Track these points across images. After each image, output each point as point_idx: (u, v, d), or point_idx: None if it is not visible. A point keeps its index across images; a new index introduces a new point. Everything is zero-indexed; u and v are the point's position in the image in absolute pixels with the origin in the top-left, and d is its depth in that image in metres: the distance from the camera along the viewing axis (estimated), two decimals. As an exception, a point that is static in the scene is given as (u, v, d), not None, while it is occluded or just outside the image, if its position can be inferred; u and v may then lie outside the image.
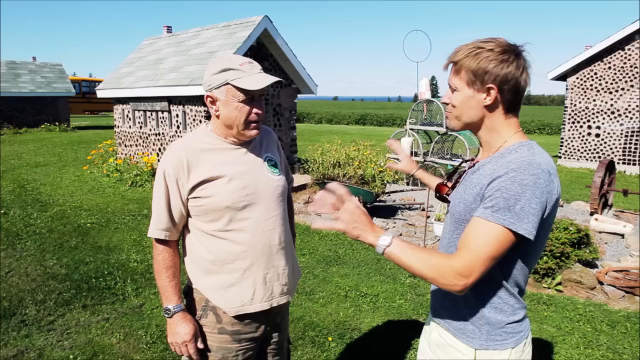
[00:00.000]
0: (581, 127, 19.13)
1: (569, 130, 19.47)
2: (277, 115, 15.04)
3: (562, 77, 19.59)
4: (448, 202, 2.32)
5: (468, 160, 2.42)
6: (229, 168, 2.65)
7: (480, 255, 1.94)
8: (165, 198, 2.65)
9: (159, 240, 2.71)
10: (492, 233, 1.94)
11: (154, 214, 2.71)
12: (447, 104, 2.24)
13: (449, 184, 2.47)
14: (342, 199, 2.06)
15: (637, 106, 17.68)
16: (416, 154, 12.80)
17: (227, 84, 2.55)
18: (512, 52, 2.08)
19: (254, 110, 2.61)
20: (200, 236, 2.71)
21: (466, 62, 2.11)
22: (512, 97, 2.13)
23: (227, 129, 2.67)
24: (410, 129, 13.10)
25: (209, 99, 2.65)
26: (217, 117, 2.66)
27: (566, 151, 19.54)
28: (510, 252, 2.01)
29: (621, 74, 18.04)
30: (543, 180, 1.97)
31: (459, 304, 2.24)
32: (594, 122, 18.82)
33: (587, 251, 7.12)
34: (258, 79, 2.56)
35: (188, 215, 2.71)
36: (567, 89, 19.38)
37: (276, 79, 2.62)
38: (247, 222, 2.67)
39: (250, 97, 2.58)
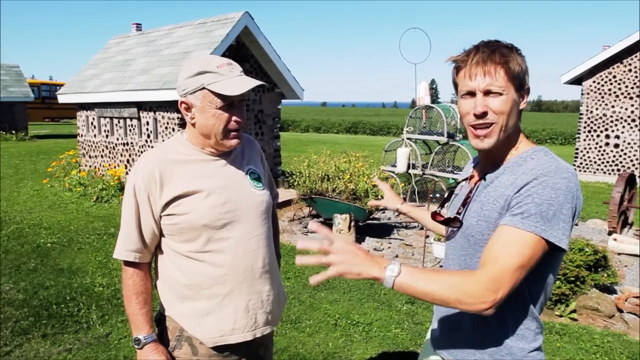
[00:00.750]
0: (598, 136, 19.06)
1: (584, 140, 19.41)
2: (259, 123, 15.06)
3: (577, 80, 19.50)
4: (456, 225, 2.27)
5: (466, 179, 2.43)
6: (206, 182, 2.62)
7: (509, 265, 1.90)
8: (135, 215, 2.61)
9: (128, 263, 2.67)
10: (522, 241, 1.92)
11: (122, 233, 2.67)
12: (484, 114, 2.11)
13: (443, 211, 2.46)
14: (329, 238, 2.00)
15: (658, 113, 17.70)
16: (414, 166, 12.82)
17: (203, 88, 2.52)
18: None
19: (234, 117, 2.58)
20: (174, 258, 2.67)
21: (515, 62, 2.08)
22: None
23: (204, 138, 2.64)
24: (408, 139, 13.12)
25: (183, 105, 2.62)
26: (193, 125, 2.63)
27: (581, 163, 19.47)
28: (538, 266, 1.99)
29: (643, 78, 17.95)
30: (574, 184, 1.99)
31: (474, 334, 2.21)
32: (613, 131, 18.71)
33: (605, 275, 7.13)
34: (238, 82, 2.53)
35: (161, 234, 2.67)
36: (582, 94, 19.31)
37: (259, 82, 2.59)
38: (227, 242, 2.64)
39: (230, 103, 2.55)
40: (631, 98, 18.25)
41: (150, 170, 2.58)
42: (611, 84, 18.63)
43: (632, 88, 18.21)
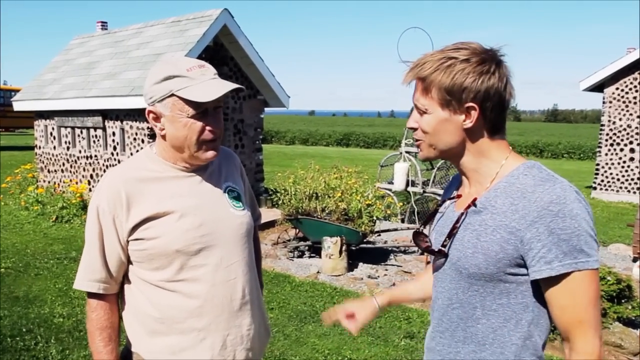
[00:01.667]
0: (622, 150, 18.93)
1: (606, 154, 19.29)
2: (239, 134, 15.08)
3: (598, 87, 19.40)
4: (443, 255, 2.28)
5: (452, 198, 2.42)
6: (179, 201, 2.59)
7: (590, 315, 2.00)
8: (98, 241, 2.57)
9: (91, 294, 2.63)
10: (579, 285, 1.98)
11: (84, 260, 2.63)
12: (415, 129, 2.24)
13: (426, 231, 2.45)
14: None
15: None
16: (413, 184, 12.84)
17: (172, 95, 2.48)
18: (492, 61, 2.10)
19: (208, 127, 2.55)
20: (143, 287, 2.63)
21: (437, 78, 2.09)
22: (496, 116, 2.14)
23: (176, 151, 2.61)
24: (406, 152, 13.15)
25: (151, 115, 2.59)
26: (163, 137, 2.60)
27: (602, 181, 19.37)
28: (541, 295, 2.07)
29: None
30: (582, 198, 2.02)
31: None
32: (639, 144, 18.59)
33: (630, 307, 7.11)
34: (211, 87, 2.50)
35: (128, 261, 2.64)
36: (604, 103, 19.22)
37: (235, 85, 2.56)
38: (202, 269, 2.60)
39: (203, 111, 2.52)
40: (659, 107, 18.13)
41: (115, 190, 2.54)
42: (636, 91, 18.48)
43: (660, 96, 18.09)
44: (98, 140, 14.19)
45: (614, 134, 19.05)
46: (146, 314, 2.63)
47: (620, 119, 18.91)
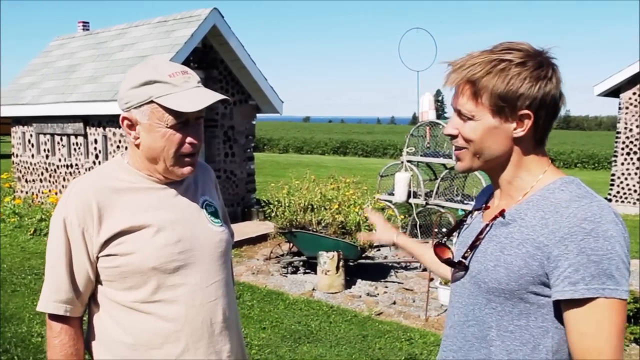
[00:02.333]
0: (639, 159, 18.70)
1: (622, 163, 19.02)
2: (229, 142, 15.10)
3: (614, 92, 19.11)
4: (462, 266, 2.25)
5: (479, 209, 2.40)
6: (155, 215, 2.52)
7: (612, 347, 1.91)
8: (65, 257, 2.48)
9: (55, 317, 2.53)
10: (605, 313, 1.90)
11: (48, 279, 2.54)
12: (455, 136, 2.17)
13: (450, 244, 2.44)
14: None
15: None
16: (415, 195, 12.83)
17: (152, 102, 2.42)
18: (548, 65, 2.05)
19: (189, 139, 2.49)
20: (112, 310, 2.54)
21: (490, 82, 2.02)
22: (548, 125, 2.09)
23: (149, 163, 2.55)
24: (408, 161, 13.15)
25: (125, 121, 2.54)
26: (137, 146, 2.54)
27: (619, 192, 19.09)
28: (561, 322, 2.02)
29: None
30: (620, 221, 1.96)
31: None
32: (658, 153, 18.33)
33: (647, 328, 7.10)
34: (195, 96, 2.45)
35: (97, 281, 2.55)
36: (620, 109, 18.98)
37: (221, 96, 2.51)
38: (180, 290, 2.53)
39: (184, 121, 2.46)
40: (680, 113, 17.97)
41: (84, 200, 2.46)
42: (655, 96, 18.29)
43: (682, 101, 17.94)
44: (79, 148, 14.19)
45: (631, 142, 18.78)
46: (116, 341, 2.53)
47: (637, 126, 18.61)
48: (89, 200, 2.45)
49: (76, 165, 14.34)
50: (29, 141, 15.76)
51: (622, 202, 19.00)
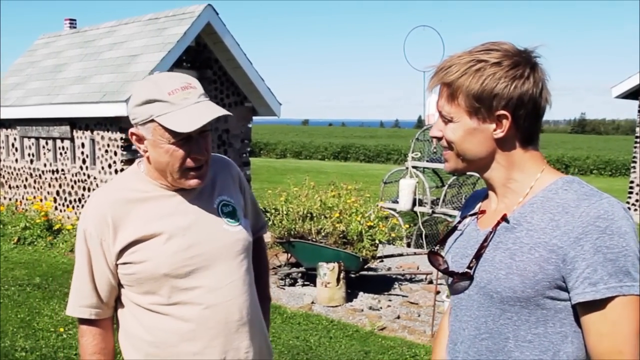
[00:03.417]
0: None
1: None
2: (224, 146, 15.12)
3: (633, 94, 18.97)
4: (468, 278, 2.24)
5: (473, 215, 2.40)
6: (167, 222, 2.66)
7: (632, 346, 1.92)
8: (87, 265, 2.68)
9: (82, 320, 2.73)
10: (622, 312, 1.92)
11: (74, 285, 2.73)
12: (440, 138, 2.24)
13: (443, 257, 2.42)
14: None
15: None
16: (421, 203, 12.81)
17: (153, 120, 2.54)
18: (526, 64, 2.08)
19: (192, 154, 2.60)
20: (136, 311, 2.73)
21: (464, 83, 2.08)
22: (531, 124, 2.12)
23: (159, 174, 2.69)
24: (413, 167, 13.14)
25: (134, 137, 2.66)
26: (148, 159, 2.68)
27: (638, 200, 18.95)
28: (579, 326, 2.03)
29: None
30: (630, 216, 1.99)
31: None
32: (680, 159, 18.15)
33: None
34: (193, 113, 2.53)
35: (120, 285, 2.74)
36: (639, 112, 18.92)
37: (221, 113, 2.60)
38: (194, 292, 2.68)
39: (187, 137, 2.56)
40: None
41: (101, 213, 2.64)
42: (677, 98, 18.13)
43: None
44: (65, 153, 14.19)
45: (651, 147, 18.63)
46: (140, 338, 2.73)
47: (658, 131, 18.47)
48: (105, 213, 2.65)
49: (62, 170, 14.33)
50: (13, 145, 15.77)
51: (641, 210, 18.86)
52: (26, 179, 15.45)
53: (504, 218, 2.17)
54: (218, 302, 2.70)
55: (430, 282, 10.61)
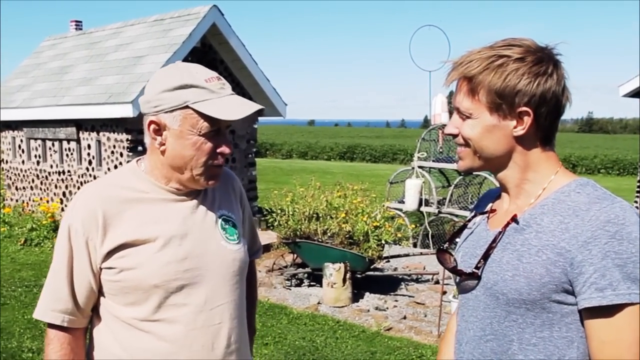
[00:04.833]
0: None
1: None
2: (230, 147, 14.96)
3: None
4: (476, 278, 2.22)
5: (484, 214, 2.38)
6: (163, 228, 2.47)
7: (634, 354, 1.89)
8: (67, 265, 2.46)
9: (54, 326, 2.48)
10: (627, 319, 1.89)
11: (49, 285, 2.51)
12: (456, 135, 2.20)
13: (453, 255, 2.40)
14: None
15: None
16: (427, 203, 12.79)
17: (187, 107, 2.36)
18: (549, 60, 2.06)
19: (219, 148, 2.46)
20: (113, 325, 2.51)
21: (486, 78, 2.04)
22: (551, 123, 2.09)
23: (173, 171, 2.49)
24: (419, 167, 13.13)
25: (152, 125, 2.44)
26: (162, 152, 2.47)
27: None
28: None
29: None
30: None
31: None
32: (689, 158, 17.87)
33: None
34: (232, 103, 2.43)
35: (100, 292, 2.52)
36: None
37: (260, 106, 2.50)
38: (182, 310, 2.48)
39: (216, 130, 2.42)
40: None
41: (91, 209, 2.42)
42: (687, 97, 17.88)
43: None
44: (71, 154, 14.22)
45: (660, 146, 18.35)
46: (114, 356, 2.51)
47: (665, 129, 18.19)
48: (95, 209, 2.43)
49: (68, 172, 14.35)
50: (19, 146, 15.80)
51: (649, 210, 18.46)
52: (33, 181, 15.47)
53: (514, 219, 2.14)
54: (207, 324, 2.50)
55: (437, 282, 10.57)
